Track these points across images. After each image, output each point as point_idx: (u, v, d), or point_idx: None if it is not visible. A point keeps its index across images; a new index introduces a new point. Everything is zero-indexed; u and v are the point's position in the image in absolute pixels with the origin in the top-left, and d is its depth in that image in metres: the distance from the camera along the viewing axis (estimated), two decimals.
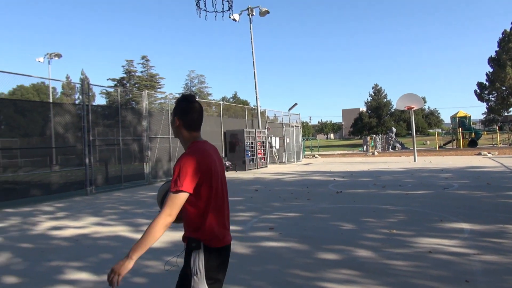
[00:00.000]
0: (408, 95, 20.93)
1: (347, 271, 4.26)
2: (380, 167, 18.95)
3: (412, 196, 9.30)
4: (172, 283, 4.18)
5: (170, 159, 16.16)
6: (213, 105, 52.97)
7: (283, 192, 11.01)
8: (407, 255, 4.75)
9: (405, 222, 6.59)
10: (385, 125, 69.67)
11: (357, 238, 5.63)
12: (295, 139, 26.76)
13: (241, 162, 19.78)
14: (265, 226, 6.66)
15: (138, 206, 9.40)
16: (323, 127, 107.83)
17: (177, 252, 5.25)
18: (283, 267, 4.50)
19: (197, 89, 61.79)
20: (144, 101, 14.91)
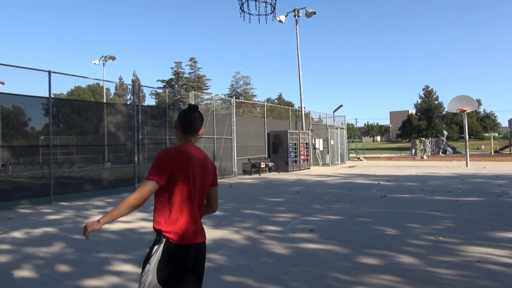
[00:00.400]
0: (461, 97, 19.92)
1: (388, 277, 4.16)
2: (429, 172, 18.20)
3: (462, 203, 8.87)
4: (210, 279, 4.30)
5: (214, 159, 16.48)
6: (258, 106, 53.35)
7: (325, 194, 10.89)
8: (454, 264, 4.55)
9: (453, 229, 6.31)
10: (436, 128, 66.81)
11: (400, 244, 5.47)
12: (339, 141, 26.32)
13: (283, 163, 19.77)
14: (306, 228, 6.63)
15: None
16: (369, 129, 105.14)
17: (218, 249, 5.39)
18: (321, 269, 4.48)
19: (242, 90, 62.50)
20: (191, 102, 15.32)
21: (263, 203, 9.58)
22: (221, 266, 4.65)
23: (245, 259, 4.93)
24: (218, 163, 16.60)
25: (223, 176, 16.90)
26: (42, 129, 12.66)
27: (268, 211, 8.40)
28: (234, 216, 7.92)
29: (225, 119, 17.43)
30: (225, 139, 17.05)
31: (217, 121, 16.76)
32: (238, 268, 4.56)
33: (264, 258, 4.96)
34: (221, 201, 9.95)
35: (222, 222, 7.30)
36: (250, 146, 19.02)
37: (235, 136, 17.56)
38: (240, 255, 5.12)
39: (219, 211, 8.47)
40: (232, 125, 17.44)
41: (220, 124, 16.96)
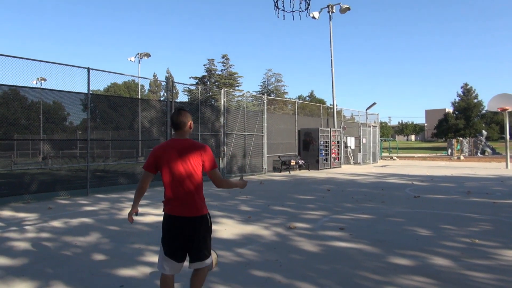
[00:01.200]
0: (503, 95, 19.05)
1: (420, 278, 4.07)
2: (466, 173, 17.56)
3: (501, 206, 8.51)
4: (239, 273, 4.34)
5: (245, 155, 16.59)
6: (289, 103, 53.16)
7: (356, 193, 10.74)
8: (490, 267, 4.39)
9: (490, 232, 6.07)
10: (474, 127, 64.27)
11: (433, 245, 5.32)
12: (371, 140, 25.83)
13: (314, 161, 19.62)
14: (336, 226, 6.57)
15: (213, 199, 9.81)
16: (403, 128, 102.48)
17: (247, 244, 5.43)
18: (351, 268, 4.43)
19: (274, 87, 62.46)
20: (223, 99, 15.48)
21: (293, 200, 9.57)
22: (250, 261, 4.69)
23: (274, 255, 4.96)
24: (248, 160, 16.71)
25: (253, 172, 16.99)
26: (80, 124, 13.18)
27: (297, 208, 8.38)
28: (264, 212, 7.95)
29: (256, 116, 17.49)
30: (255, 136, 17.12)
31: (248, 117, 16.84)
32: (267, 264, 4.59)
33: (293, 255, 4.96)
34: (251, 197, 10.02)
35: (252, 218, 7.35)
36: (281, 143, 19.00)
37: (266, 133, 17.59)
38: (269, 251, 5.15)
39: (249, 207, 8.55)
40: (263, 122, 17.48)
41: (251, 120, 17.04)
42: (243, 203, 9.10)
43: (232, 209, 8.36)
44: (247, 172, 16.59)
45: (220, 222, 7.04)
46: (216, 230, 6.38)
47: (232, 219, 7.30)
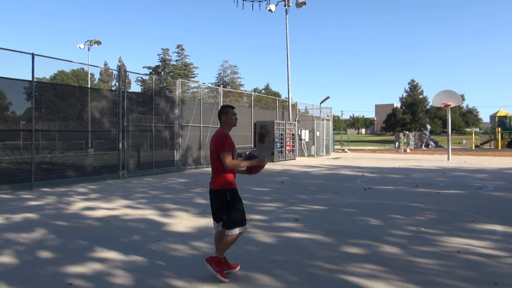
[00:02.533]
0: (446, 91, 20.22)
1: (371, 266, 4.22)
2: (412, 165, 18.49)
3: (443, 195, 9.05)
4: (194, 267, 4.28)
5: (201, 147, 16.40)
6: (245, 96, 53.16)
7: (310, 185, 10.97)
8: (434, 254, 4.65)
9: (435, 221, 6.43)
10: (420, 122, 67.79)
11: (383, 234, 5.55)
12: (325, 133, 26.48)
13: (269, 153, 19.80)
14: (291, 217, 6.67)
15: (167, 192, 9.62)
16: (355, 121, 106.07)
17: (203, 237, 5.37)
18: (306, 258, 4.52)
19: (229, 79, 62.13)
20: (178, 90, 15.16)
21: (248, 192, 9.59)
22: (206, 254, 4.64)
23: (231, 247, 4.93)
24: (204, 152, 16.53)
25: (208, 165, 16.84)
26: (24, 114, 12.37)
27: (253, 200, 8.42)
28: None
29: (212, 108, 17.31)
30: (211, 128, 16.97)
31: (204, 109, 16.63)
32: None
33: (249, 247, 4.97)
34: (207, 190, 9.91)
35: (208, 211, 7.27)
36: (236, 135, 18.96)
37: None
38: None
39: (205, 199, 8.46)
40: None
41: (207, 112, 16.84)
42: (199, 196, 9.00)
43: (187, 202, 8.24)
44: (202, 164, 16.43)
45: (175, 215, 6.91)
46: (170, 223, 6.27)
47: (187, 212, 7.19)
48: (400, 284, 3.73)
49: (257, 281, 3.79)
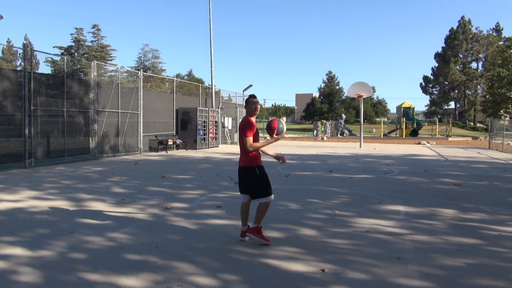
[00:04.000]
0: (359, 83, 21.62)
1: (290, 249, 4.39)
2: (328, 152, 19.55)
3: (355, 180, 9.72)
4: (111, 259, 4.09)
5: (119, 134, 15.61)
6: (167, 81, 51.61)
7: (233, 172, 11.06)
8: (347, 234, 4.98)
9: (348, 203, 6.89)
10: (336, 111, 71.70)
11: (301, 218, 5.80)
12: None
13: (192, 140, 19.55)
14: (213, 204, 6.67)
15: (82, 181, 9.03)
16: (276, 110, 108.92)
17: (121, 228, 5.13)
18: (227, 244, 4.55)
19: (150, 64, 59.79)
20: (93, 72, 14.18)
21: (170, 180, 9.40)
22: (124, 245, 4.46)
23: (151, 236, 4.80)
24: (122, 139, 15.78)
25: (127, 152, 16.14)
26: None
27: (175, 188, 8.26)
28: (139, 193, 7.63)
29: (131, 93, 16.53)
30: (130, 114, 16.22)
31: (122, 94, 15.80)
32: (143, 246, 4.42)
33: (171, 235, 4.88)
34: (125, 178, 9.52)
35: (126, 200, 6.99)
36: (158, 122, 18.40)
37: (142, 111, 16.79)
38: (145, 233, 4.97)
39: (123, 188, 8.11)
40: (139, 100, 16.62)
41: (125, 98, 16.03)
42: (116, 185, 8.59)
43: (103, 191, 7.82)
44: (121, 152, 15.69)
45: (90, 206, 6.52)
46: (84, 214, 5.89)
47: (104, 202, 6.82)
48: (316, 264, 3.93)
49: (178, 270, 3.74)
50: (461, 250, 4.40)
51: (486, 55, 65.87)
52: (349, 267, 3.85)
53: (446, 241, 4.72)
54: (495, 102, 39.95)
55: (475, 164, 14.23)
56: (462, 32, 67.19)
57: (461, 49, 66.90)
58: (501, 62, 39.50)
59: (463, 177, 10.51)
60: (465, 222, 5.67)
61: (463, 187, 8.81)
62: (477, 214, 6.15)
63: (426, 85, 72.77)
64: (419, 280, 3.55)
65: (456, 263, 3.99)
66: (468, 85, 67.71)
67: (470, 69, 67.92)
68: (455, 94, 69.39)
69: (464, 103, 69.82)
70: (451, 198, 7.38)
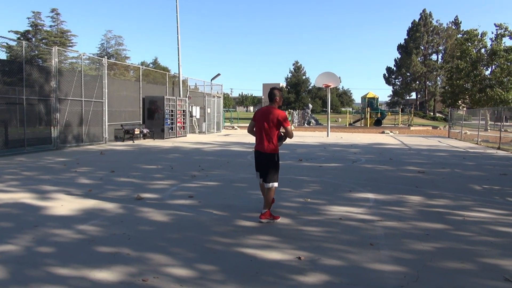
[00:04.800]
0: (327, 73, 21.87)
1: (265, 237, 4.40)
2: (296, 141, 19.73)
3: (325, 168, 9.86)
4: (81, 252, 3.95)
5: (82, 123, 15.04)
6: (131, 69, 50.17)
7: (203, 161, 10.95)
8: (320, 222, 5.05)
9: (319, 192, 6.98)
10: (303, 101, 72.50)
11: (275, 207, 5.80)
12: (216, 110, 26.59)
13: (159, 130, 19.16)
14: (185, 195, 6.57)
15: (44, 172, 8.65)
16: (244, 99, 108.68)
17: (90, 220, 4.95)
18: (202, 234, 4.50)
19: (114, 51, 57.82)
20: (54, 58, 13.51)
21: (139, 170, 9.17)
22: (94, 237, 4.31)
23: (121, 228, 4.67)
24: (86, 128, 15.22)
25: (92, 142, 15.60)
26: None
27: (144, 178, 8.07)
28: (107, 184, 7.40)
29: (95, 80, 15.92)
30: (95, 102, 15.65)
31: (85, 82, 15.19)
32: (114, 238, 4.29)
33: (142, 226, 4.76)
34: (91, 169, 9.21)
35: (94, 191, 6.75)
36: (123, 111, 17.87)
37: (107, 100, 16.23)
38: (116, 224, 4.82)
39: (89, 179, 7.85)
40: (103, 88, 16.04)
41: (89, 86, 15.43)
42: (82, 176, 8.29)
43: (68, 182, 7.52)
44: (85, 142, 15.14)
45: (55, 197, 6.25)
46: (49, 207, 5.65)
47: (70, 193, 6.56)
48: (291, 252, 3.96)
49: (152, 261, 3.65)
50: (429, 235, 4.57)
51: (445, 47, 68.45)
52: (324, 254, 3.91)
53: (414, 227, 4.88)
54: (453, 93, 41.54)
55: (437, 152, 14.82)
56: (424, 24, 69.34)
57: (423, 41, 69.10)
58: (459, 54, 41.02)
59: (426, 165, 10.91)
60: (431, 208, 5.89)
61: (427, 174, 9.15)
62: (441, 200, 6.40)
63: (389, 76, 74.78)
64: (392, 265, 3.65)
65: (425, 247, 4.14)
66: (428, 76, 70.20)
67: (430, 61, 70.40)
68: (416, 85, 71.76)
69: (425, 94, 72.40)
70: (416, 185, 7.65)
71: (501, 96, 36.95)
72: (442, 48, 70.24)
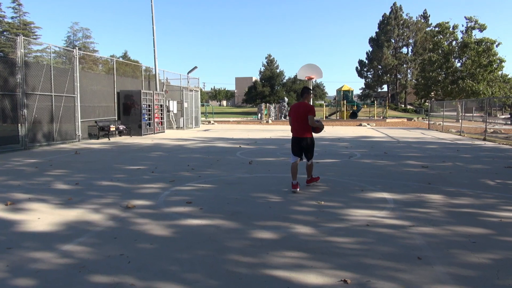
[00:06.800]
0: (309, 65, 21.32)
1: (292, 253, 3.71)
2: (281, 135, 19.14)
3: (323, 165, 9.27)
4: (72, 285, 3.10)
5: (53, 120, 13.82)
6: (100, 63, 48.12)
7: (190, 160, 10.13)
8: (347, 230, 4.41)
9: (329, 192, 6.36)
10: (278, 94, 72.02)
11: (288, 212, 5.15)
12: (194, 104, 25.60)
13: (136, 126, 18.08)
14: (181, 200, 5.79)
15: (13, 177, 7.62)
16: (217, 94, 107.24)
17: (75, 237, 4.04)
18: (217, 252, 3.76)
19: (81, 44, 55.34)
20: (19, 49, 12.23)
21: (122, 172, 8.27)
22: (84, 261, 3.49)
23: (117, 247, 3.86)
24: (57, 126, 14.02)
25: (64, 140, 14.41)
26: None
27: (130, 181, 7.21)
28: (89, 190, 6.50)
29: (66, 74, 14.68)
30: (66, 97, 14.43)
31: (55, 76, 13.95)
32: (111, 262, 3.48)
33: (142, 244, 3.96)
34: (67, 171, 8.24)
35: (75, 199, 5.85)
36: (97, 106, 16.68)
37: (79, 95, 15.03)
38: (108, 242, 4.00)
39: (67, 184, 6.93)
40: (75, 82, 14.83)
41: (59, 79, 14.20)
42: (58, 180, 7.32)
43: (43, 189, 6.56)
44: (56, 141, 13.94)
45: (29, 208, 5.33)
46: (23, 220, 4.75)
47: (46, 202, 5.65)
48: (331, 272, 3.29)
49: None
50: (476, 242, 4.01)
51: (415, 40, 69.58)
52: (371, 274, 3.26)
53: (454, 233, 4.32)
54: (426, 85, 42.15)
55: (427, 145, 14.56)
56: (394, 18, 70.17)
57: (393, 34, 69.96)
58: (432, 46, 41.56)
59: (424, 158, 10.52)
60: (458, 208, 5.37)
61: (432, 169, 8.71)
62: (464, 199, 5.91)
63: (361, 69, 75.44)
64: (456, 285, 3.05)
65: (481, 260, 3.57)
66: (399, 69, 71.26)
67: (401, 54, 71.43)
68: (388, 78, 72.69)
69: (396, 86, 73.51)
70: (429, 182, 7.16)
71: (472, 87, 37.72)
72: (412, 41, 71.38)
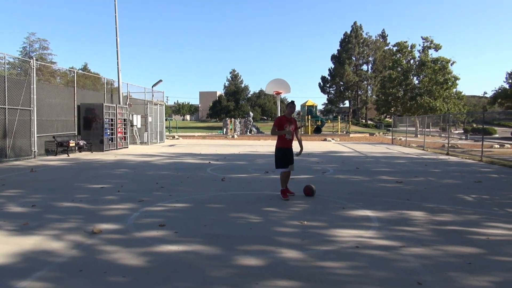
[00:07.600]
0: (277, 80, 21.34)
1: (284, 282, 3.37)
2: (249, 150, 18.85)
3: (298, 181, 9.04)
4: None
5: (6, 135, 12.80)
6: (58, 75, 46.20)
7: (159, 177, 9.59)
8: (337, 253, 4.13)
9: (310, 211, 6.08)
10: (242, 109, 72.09)
11: (270, 233, 4.81)
12: (158, 118, 24.87)
13: (98, 141, 17.18)
14: (153, 223, 5.31)
15: None
16: (180, 108, 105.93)
17: (33, 270, 3.47)
18: (201, 283, 3.34)
19: (38, 55, 53.00)
20: None
21: (84, 191, 7.63)
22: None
23: (85, 283, 3.35)
24: (11, 141, 13.00)
25: (18, 157, 13.37)
26: None
27: (94, 202, 6.61)
28: (47, 212, 5.86)
29: (21, 85, 13.72)
30: (21, 110, 13.46)
31: (9, 87, 12.98)
32: None
33: (114, 277, 3.48)
34: (22, 191, 7.49)
35: (32, 224, 5.22)
36: (56, 120, 15.70)
37: (36, 108, 14.08)
38: (74, 277, 3.49)
39: (21, 206, 6.25)
40: (31, 94, 13.88)
41: (13, 91, 13.22)
42: (11, 201, 6.60)
43: None
44: (10, 157, 12.90)
45: None
46: None
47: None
48: None
49: None
50: (471, 263, 3.85)
51: (374, 58, 72.26)
52: None
53: (446, 253, 4.15)
54: (386, 101, 43.60)
55: (395, 159, 14.76)
56: (355, 36, 72.59)
57: (354, 52, 72.27)
58: (391, 64, 43.16)
59: (397, 173, 10.55)
60: (442, 226, 5.25)
61: (407, 184, 8.69)
62: (446, 215, 5.82)
63: (324, 85, 77.12)
64: None
65: (482, 283, 3.38)
66: (360, 85, 73.48)
67: (362, 71, 73.80)
68: (349, 94, 74.68)
69: (357, 102, 75.64)
70: (407, 198, 7.07)
71: (430, 104, 39.38)
72: (371, 59, 74.02)
